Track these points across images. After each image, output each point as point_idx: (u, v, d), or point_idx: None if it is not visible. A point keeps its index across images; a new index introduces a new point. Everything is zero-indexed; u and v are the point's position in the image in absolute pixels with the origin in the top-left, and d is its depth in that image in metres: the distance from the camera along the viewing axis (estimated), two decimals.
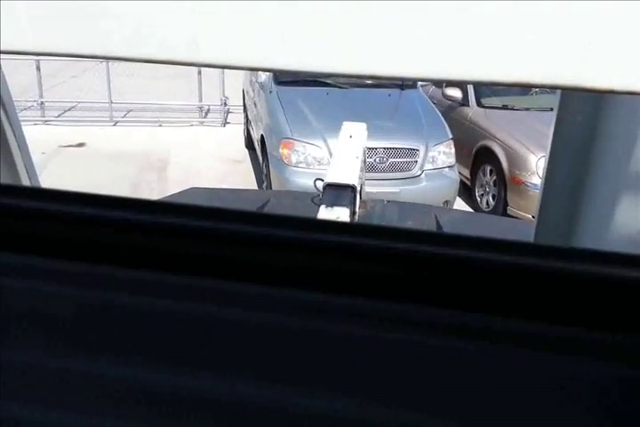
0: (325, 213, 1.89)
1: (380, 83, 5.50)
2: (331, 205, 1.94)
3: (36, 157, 1.35)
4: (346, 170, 2.18)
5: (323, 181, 2.15)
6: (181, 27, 0.35)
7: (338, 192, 2.03)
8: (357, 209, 2.13)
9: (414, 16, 0.33)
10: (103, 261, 0.45)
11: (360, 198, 2.21)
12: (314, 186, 2.29)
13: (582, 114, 1.03)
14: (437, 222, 2.45)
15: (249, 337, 0.42)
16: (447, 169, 4.72)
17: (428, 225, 2.43)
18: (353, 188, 2.06)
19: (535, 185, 4.53)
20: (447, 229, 2.37)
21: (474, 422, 0.37)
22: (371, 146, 3.24)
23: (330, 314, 0.43)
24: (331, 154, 2.73)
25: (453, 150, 4.80)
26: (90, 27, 0.36)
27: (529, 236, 1.18)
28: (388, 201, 2.87)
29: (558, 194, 1.10)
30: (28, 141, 1.27)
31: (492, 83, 0.35)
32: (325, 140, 4.42)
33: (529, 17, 0.33)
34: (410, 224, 2.53)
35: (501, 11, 0.32)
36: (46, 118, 7.16)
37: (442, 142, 4.76)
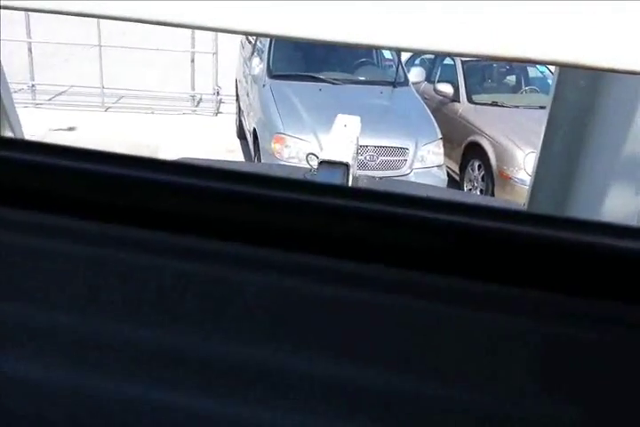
0: None
1: (373, 79, 5.52)
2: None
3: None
4: (340, 149, 2.20)
5: (315, 155, 2.17)
6: None
7: (331, 169, 2.05)
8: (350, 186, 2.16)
9: None
10: (97, 217, 0.44)
11: (352, 176, 2.23)
12: (306, 161, 2.30)
13: (578, 92, 1.01)
14: None
15: (245, 297, 0.41)
16: (436, 168, 4.76)
17: None
18: (347, 165, 2.08)
19: (522, 180, 4.59)
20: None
21: (472, 387, 0.37)
22: (361, 143, 3.28)
23: (326, 277, 0.42)
24: (322, 149, 2.77)
25: (442, 150, 4.84)
26: None
27: None
28: (380, 178, 2.88)
29: (550, 175, 1.08)
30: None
31: (492, 57, 0.35)
32: (317, 136, 4.43)
33: None
34: None
35: None
36: (37, 102, 7.08)
37: (431, 142, 4.80)
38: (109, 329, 0.40)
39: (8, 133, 1.28)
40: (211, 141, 6.27)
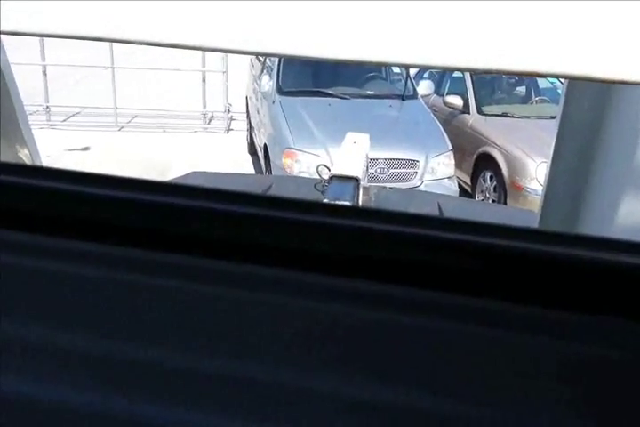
0: None
1: (382, 93, 5.55)
2: (334, 199, 1.99)
3: (41, 160, 1.39)
4: (351, 164, 2.24)
5: (326, 167, 2.20)
6: (180, 10, 0.36)
7: (342, 184, 2.09)
8: (360, 199, 2.18)
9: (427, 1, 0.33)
10: (103, 239, 0.44)
11: (363, 187, 2.26)
12: (316, 173, 2.34)
13: (588, 103, 1.02)
14: (440, 210, 2.48)
15: (247, 317, 0.41)
16: (446, 180, 4.75)
17: (430, 212, 2.43)
18: (357, 180, 2.12)
19: (535, 190, 4.57)
20: (449, 216, 2.37)
21: (486, 404, 0.37)
22: (372, 157, 3.30)
23: (331, 296, 0.42)
24: (332, 164, 2.79)
25: (453, 161, 4.84)
26: (89, 8, 0.37)
27: (533, 225, 1.17)
28: (391, 188, 2.89)
29: (563, 185, 1.09)
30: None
31: (501, 72, 0.35)
32: (328, 151, 4.46)
33: (539, 4, 0.33)
34: (412, 211, 2.51)
35: None
36: (52, 123, 7.21)
37: (442, 153, 4.79)
38: (112, 348, 0.40)
39: (25, 154, 1.30)
40: (222, 158, 6.32)
